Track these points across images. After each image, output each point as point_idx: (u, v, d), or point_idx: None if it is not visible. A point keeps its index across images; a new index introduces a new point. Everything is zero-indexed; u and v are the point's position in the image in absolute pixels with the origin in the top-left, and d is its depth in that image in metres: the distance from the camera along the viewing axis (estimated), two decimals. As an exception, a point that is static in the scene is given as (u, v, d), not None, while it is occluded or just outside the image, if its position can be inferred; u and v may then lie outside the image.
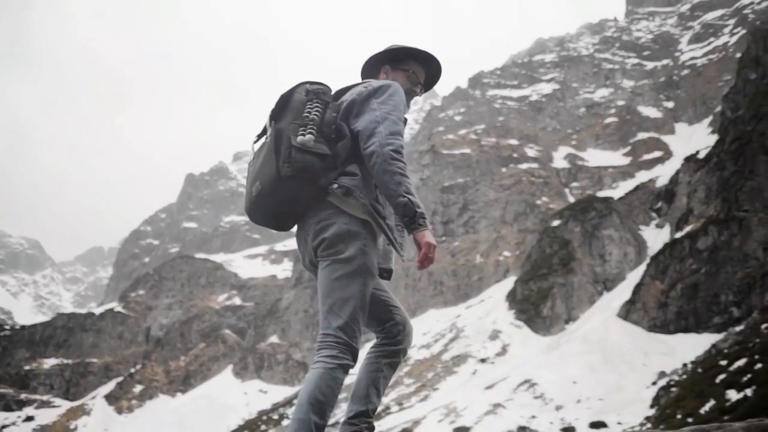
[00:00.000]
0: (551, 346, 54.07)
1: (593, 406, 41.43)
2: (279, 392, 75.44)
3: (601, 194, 75.19)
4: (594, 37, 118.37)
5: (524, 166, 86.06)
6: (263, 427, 63.51)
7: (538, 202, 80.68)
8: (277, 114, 2.87)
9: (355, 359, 2.72)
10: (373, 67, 3.22)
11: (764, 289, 46.19)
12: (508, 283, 69.60)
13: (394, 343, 2.92)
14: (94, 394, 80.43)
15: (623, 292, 58.82)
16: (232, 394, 76.44)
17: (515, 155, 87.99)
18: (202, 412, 72.07)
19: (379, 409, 44.83)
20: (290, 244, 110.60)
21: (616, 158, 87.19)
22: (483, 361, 55.65)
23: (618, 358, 48.07)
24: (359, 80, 3.23)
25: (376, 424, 2.88)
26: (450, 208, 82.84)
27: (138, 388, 79.75)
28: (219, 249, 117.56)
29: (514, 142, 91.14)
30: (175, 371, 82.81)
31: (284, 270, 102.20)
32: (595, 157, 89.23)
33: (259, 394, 76.21)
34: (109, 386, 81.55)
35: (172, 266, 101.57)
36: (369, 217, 2.75)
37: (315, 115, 2.80)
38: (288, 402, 68.34)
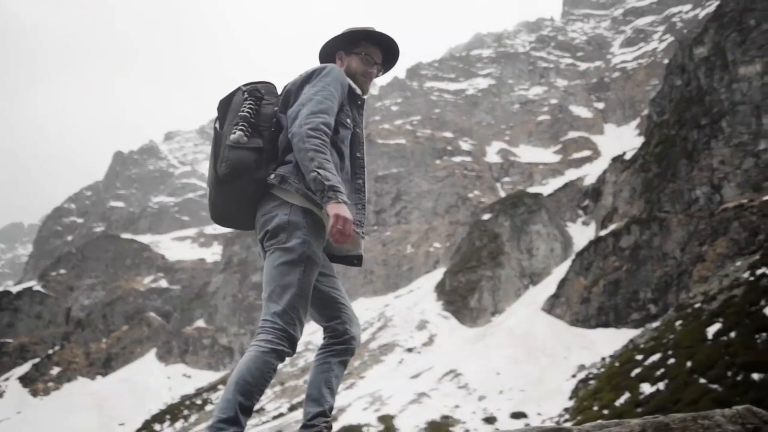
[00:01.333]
0: (477, 337, 55.08)
1: (515, 397, 42.44)
2: (203, 377, 74.47)
3: (531, 190, 76.76)
4: (531, 35, 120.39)
5: (458, 159, 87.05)
6: (185, 412, 62.62)
7: (470, 195, 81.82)
8: (220, 120, 2.93)
9: (292, 346, 2.73)
10: (327, 55, 3.23)
11: (680, 288, 48.15)
12: (438, 274, 70.46)
13: (340, 342, 2.94)
14: (8, 376, 77.65)
15: (548, 286, 60.36)
16: (154, 378, 75.04)
17: (449, 148, 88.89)
18: (123, 395, 70.50)
19: (303, 395, 44.73)
20: (220, 228, 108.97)
21: (547, 155, 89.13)
22: (410, 350, 56.21)
23: (541, 351, 49.35)
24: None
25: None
26: (383, 198, 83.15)
27: (55, 370, 77.33)
28: (146, 230, 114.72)
29: (448, 134, 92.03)
30: (95, 353, 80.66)
31: (213, 254, 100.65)
32: (527, 153, 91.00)
33: (183, 379, 75.07)
34: (24, 368, 78.85)
35: (96, 245, 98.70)
36: (307, 201, 2.77)
37: (247, 112, 2.83)
38: (212, 387, 67.51)
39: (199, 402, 64.10)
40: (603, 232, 58.42)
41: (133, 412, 66.20)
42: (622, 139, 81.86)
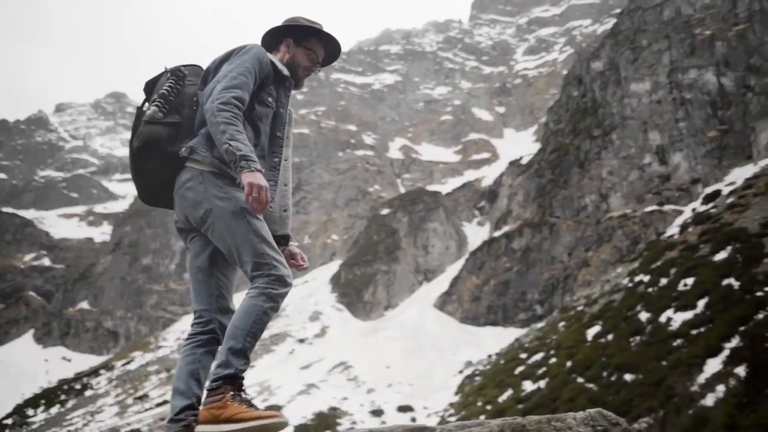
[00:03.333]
0: (369, 331, 55.57)
1: (403, 391, 43.12)
2: (84, 361, 71.58)
3: (430, 188, 78.05)
4: (438, 36, 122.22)
5: (360, 152, 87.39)
6: (63, 397, 59.95)
7: (371, 189, 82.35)
8: (146, 101, 2.96)
9: (283, 284, 2.75)
10: (275, 37, 3.23)
11: (565, 291, 50.30)
12: (334, 266, 70.58)
13: (206, 332, 2.90)
14: None
15: (442, 283, 61.62)
16: (31, 361, 71.48)
17: (353, 141, 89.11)
18: (-5, 378, 66.77)
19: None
20: (111, 206, 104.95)
21: (448, 155, 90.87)
22: (302, 341, 56.06)
23: (430, 346, 50.34)
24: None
25: None
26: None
27: None
28: (31, 204, 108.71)
29: (352, 127, 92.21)
30: (-33, 333, 76.05)
31: (102, 233, 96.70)
32: (429, 151, 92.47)
33: (62, 362, 71.90)
34: None
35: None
36: (216, 168, 2.80)
37: (165, 89, 2.88)
38: (94, 372, 64.92)
39: (78, 387, 61.53)
40: (496, 234, 60.18)
41: (4, 396, 62.78)
42: (520, 144, 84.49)
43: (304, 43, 3.20)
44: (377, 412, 39.88)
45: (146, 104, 2.93)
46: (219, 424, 2.51)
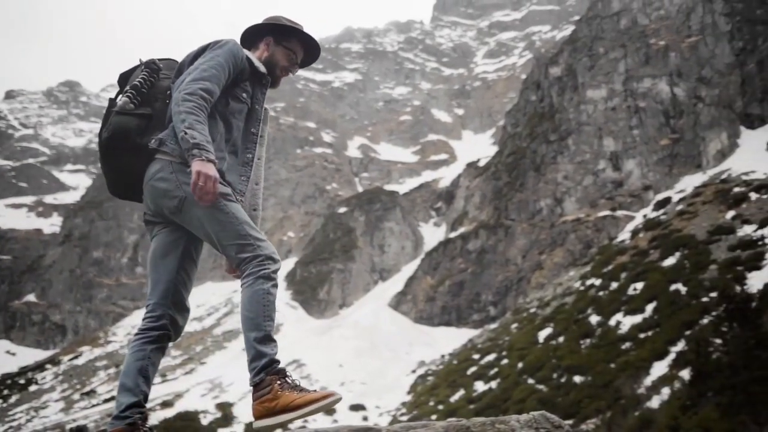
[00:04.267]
0: (323, 329, 55.43)
1: (356, 390, 43.14)
2: (30, 355, 69.80)
3: (388, 187, 78.20)
4: (400, 36, 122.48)
5: (319, 150, 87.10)
6: (5, 392, 58.39)
7: (328, 187, 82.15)
8: (120, 93, 2.93)
9: (272, 261, 2.72)
10: (254, 35, 3.20)
11: (519, 293, 50.92)
12: (289, 263, 70.17)
13: (157, 327, 2.85)
14: None
15: (397, 283, 61.80)
16: (-28, 355, 69.53)
17: (311, 138, 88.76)
18: (-65, 372, 64.71)
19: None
20: (62, 197, 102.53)
21: (406, 155, 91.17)
22: (255, 338, 55.63)
23: (384, 345, 50.46)
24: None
25: None
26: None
27: None
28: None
29: (311, 125, 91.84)
30: None
31: (52, 225, 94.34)
32: (387, 151, 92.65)
33: (6, 357, 70.00)
34: None
35: None
36: (184, 159, 2.75)
37: (138, 81, 2.86)
38: (39, 366, 63.39)
39: (22, 382, 60.01)
40: (452, 234, 60.60)
41: (-55, 390, 60.92)
42: (478, 147, 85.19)
43: (284, 43, 3.19)
44: (329, 411, 39.77)
45: (119, 96, 2.90)
46: (276, 415, 2.49)
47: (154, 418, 38.31)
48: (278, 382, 2.56)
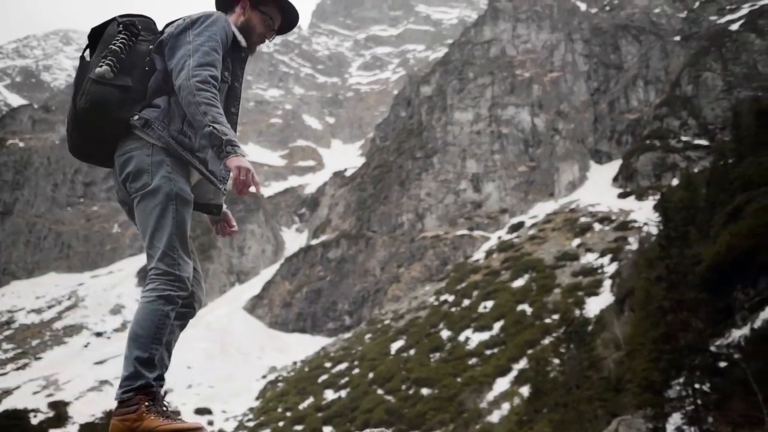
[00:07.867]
0: (174, 329, 53.77)
1: (203, 393, 42.11)
2: None
3: (252, 189, 77.14)
4: (276, 38, 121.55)
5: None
6: None
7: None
8: (90, 49, 2.70)
9: (181, 286, 2.56)
10: None
11: (375, 304, 51.70)
12: (142, 258, 67.47)
13: (185, 305, 2.75)
14: None
15: (254, 286, 60.99)
16: None
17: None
18: None
19: None
20: None
21: (274, 158, 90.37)
22: (99, 334, 53.05)
23: (236, 349, 49.60)
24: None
25: None
26: (95, 170, 77.74)
27: None
28: None
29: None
30: None
31: None
32: (255, 152, 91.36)
33: None
34: None
35: None
36: (168, 147, 2.63)
37: (118, 47, 2.65)
38: None
39: None
40: (314, 242, 60.66)
41: None
42: (346, 156, 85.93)
43: (261, 7, 2.99)
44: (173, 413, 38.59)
45: (93, 56, 2.69)
46: None
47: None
48: (146, 403, 2.46)
